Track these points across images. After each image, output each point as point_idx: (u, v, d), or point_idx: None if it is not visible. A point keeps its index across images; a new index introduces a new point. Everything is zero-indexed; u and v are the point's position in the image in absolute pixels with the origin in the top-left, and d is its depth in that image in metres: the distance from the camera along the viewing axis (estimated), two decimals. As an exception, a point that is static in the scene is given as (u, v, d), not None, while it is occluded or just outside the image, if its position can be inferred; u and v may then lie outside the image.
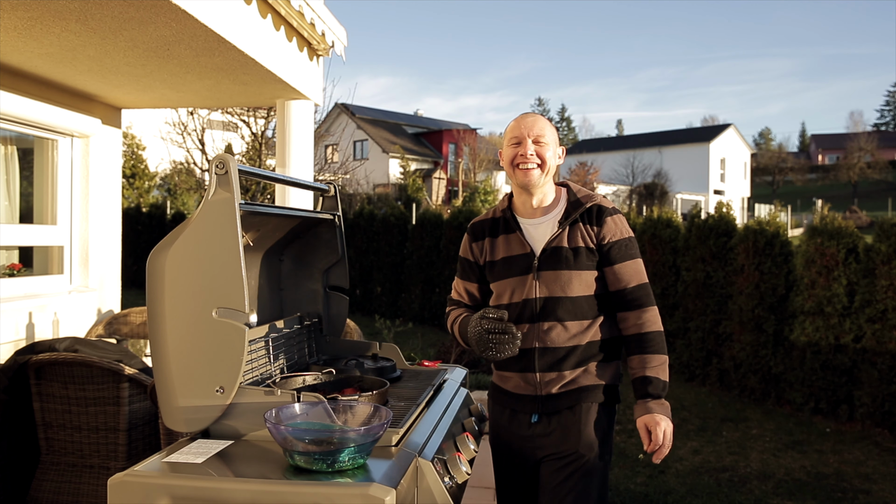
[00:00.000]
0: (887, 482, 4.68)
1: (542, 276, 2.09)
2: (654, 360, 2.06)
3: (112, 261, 4.95)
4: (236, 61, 3.56)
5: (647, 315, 2.11)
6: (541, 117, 2.19)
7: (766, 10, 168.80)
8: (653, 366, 2.05)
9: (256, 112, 11.62)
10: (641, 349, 2.08)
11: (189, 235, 1.78)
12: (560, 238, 2.10)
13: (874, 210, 36.50)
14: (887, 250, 5.67)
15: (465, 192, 24.84)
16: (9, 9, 2.85)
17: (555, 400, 2.09)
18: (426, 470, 1.68)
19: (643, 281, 2.13)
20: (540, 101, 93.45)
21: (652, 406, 2.02)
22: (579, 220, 2.12)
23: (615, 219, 2.13)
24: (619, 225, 2.13)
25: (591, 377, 2.10)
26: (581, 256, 2.09)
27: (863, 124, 74.85)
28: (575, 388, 2.09)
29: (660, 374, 2.05)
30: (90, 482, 3.14)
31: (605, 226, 2.11)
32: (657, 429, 1.98)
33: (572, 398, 2.09)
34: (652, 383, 2.04)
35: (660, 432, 1.97)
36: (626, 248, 2.12)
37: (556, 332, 2.08)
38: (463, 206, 11.46)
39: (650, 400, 2.03)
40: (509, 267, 2.15)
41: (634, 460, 4.98)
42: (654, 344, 2.08)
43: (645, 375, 2.05)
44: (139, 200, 17.91)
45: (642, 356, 2.07)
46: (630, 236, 2.14)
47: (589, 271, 2.10)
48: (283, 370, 2.32)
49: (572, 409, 2.08)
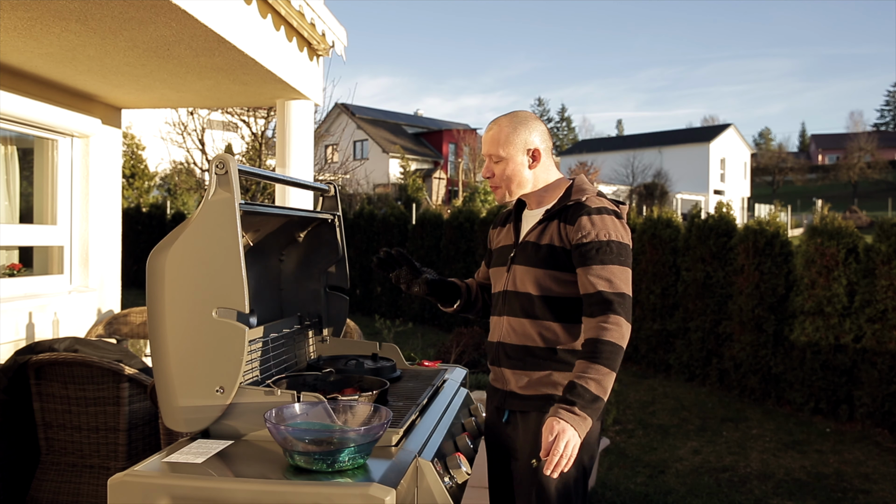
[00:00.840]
0: (887, 482, 4.68)
1: (513, 269, 2.07)
2: (591, 370, 1.80)
3: (112, 261, 4.95)
4: (236, 61, 3.56)
5: (606, 322, 1.84)
6: (497, 126, 2.07)
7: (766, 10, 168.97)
8: (587, 374, 1.80)
9: (256, 112, 11.62)
10: (585, 355, 1.84)
11: (189, 235, 1.78)
12: (534, 233, 2.04)
13: (874, 210, 36.51)
14: (887, 250, 5.67)
15: (465, 192, 24.83)
16: (9, 9, 2.85)
17: (516, 399, 2.05)
18: (426, 470, 1.68)
19: (611, 289, 1.87)
20: (540, 101, 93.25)
21: (560, 411, 1.77)
22: (557, 217, 2.01)
23: (593, 218, 1.93)
24: (598, 226, 1.92)
25: (547, 387, 1.98)
26: (543, 253, 1.98)
27: (863, 124, 74.89)
28: (532, 394, 2.00)
29: (589, 385, 1.78)
30: (90, 482, 3.14)
31: (577, 224, 1.93)
32: (549, 435, 1.74)
33: (532, 404, 2.01)
34: (575, 390, 1.78)
35: (549, 438, 1.74)
36: (597, 252, 1.90)
37: (512, 326, 2.04)
38: (463, 207, 11.44)
39: (562, 405, 1.78)
40: (498, 256, 2.18)
41: (635, 460, 4.98)
42: (601, 353, 1.81)
43: (572, 381, 1.81)
44: (139, 200, 17.91)
45: (585, 362, 1.83)
46: (609, 239, 1.91)
47: (554, 271, 1.97)
48: (283, 370, 2.32)
49: (531, 415, 2.00)
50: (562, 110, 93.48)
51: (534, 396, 2.02)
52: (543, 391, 2.01)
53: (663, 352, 7.68)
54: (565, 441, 1.73)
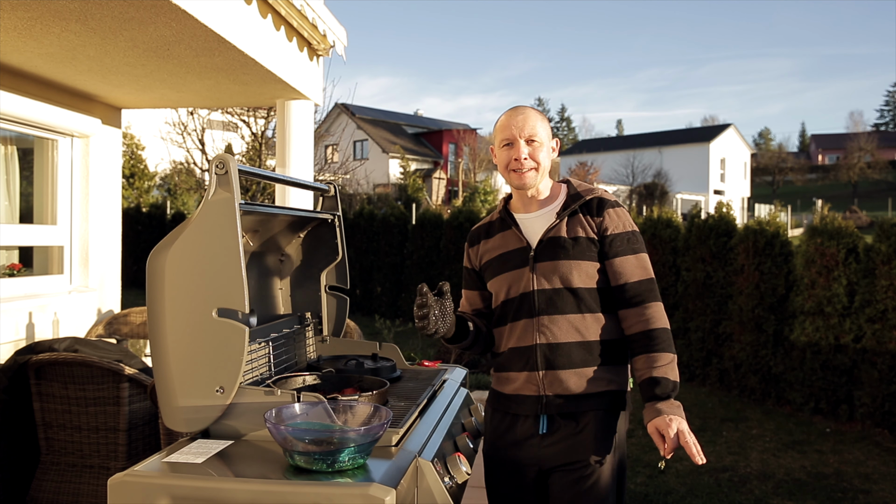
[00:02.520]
0: (887, 482, 4.68)
1: (538, 267, 1.99)
2: (660, 360, 1.90)
3: (112, 261, 4.95)
4: (236, 61, 3.56)
5: (651, 311, 1.95)
6: (531, 111, 2.07)
7: (766, 10, 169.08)
8: (659, 365, 1.90)
9: (256, 112, 11.62)
10: (646, 348, 1.93)
11: (189, 235, 1.78)
12: (558, 228, 2.01)
13: (874, 210, 36.50)
14: (887, 250, 5.67)
15: (465, 192, 24.84)
16: (9, 9, 2.85)
17: (560, 401, 1.96)
18: (426, 470, 1.68)
19: (647, 276, 1.99)
20: (540, 100, 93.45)
21: (661, 407, 1.85)
22: (579, 212, 2.02)
23: (617, 211, 2.03)
24: (622, 217, 2.03)
25: (598, 382, 1.97)
26: (581, 246, 1.98)
27: (863, 124, 74.94)
28: (581, 392, 1.96)
29: (668, 374, 1.89)
30: (90, 482, 3.14)
31: (607, 217, 2.01)
32: (668, 430, 1.80)
33: (579, 404, 1.96)
34: (660, 384, 1.88)
35: (671, 432, 1.80)
36: (628, 242, 2.00)
37: (558, 325, 1.96)
38: (463, 206, 11.45)
39: (658, 401, 1.87)
40: (504, 262, 2.06)
41: (635, 460, 4.98)
42: (660, 342, 1.92)
43: (652, 376, 1.89)
44: (139, 200, 17.91)
45: (648, 356, 1.92)
46: (633, 230, 2.03)
47: (590, 262, 1.98)
48: (283, 370, 2.32)
49: (579, 417, 1.96)
50: (562, 110, 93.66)
51: (584, 395, 1.97)
52: (595, 389, 1.97)
53: (663, 352, 7.67)
54: (686, 430, 1.82)
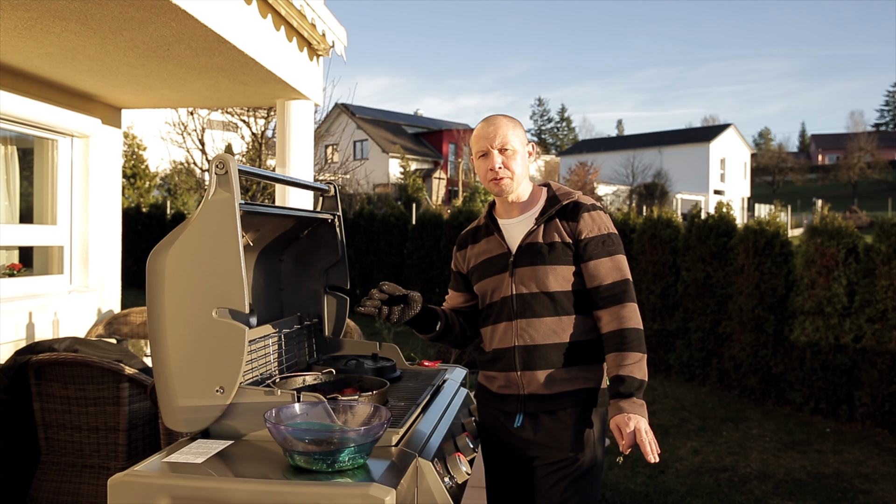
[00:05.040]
0: (887, 482, 4.68)
1: (517, 273, 2.08)
2: (628, 358, 1.97)
3: (112, 261, 4.95)
4: (236, 61, 3.56)
5: (624, 311, 2.03)
6: (504, 120, 2.13)
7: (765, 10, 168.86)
8: (627, 364, 1.97)
9: (256, 112, 11.62)
10: (616, 346, 2.00)
11: (189, 235, 1.78)
12: (535, 234, 2.09)
13: (874, 210, 36.49)
14: (887, 250, 5.67)
15: (465, 192, 24.82)
16: (9, 9, 2.85)
17: (538, 400, 2.06)
18: (426, 470, 1.68)
19: (622, 277, 2.06)
20: (540, 100, 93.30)
21: (623, 405, 1.93)
22: (556, 217, 2.10)
23: (592, 215, 2.10)
24: (598, 221, 2.10)
25: (575, 381, 2.06)
26: (557, 251, 2.06)
27: (863, 124, 74.80)
28: (559, 391, 2.05)
29: (634, 373, 1.96)
30: (90, 482, 3.14)
31: (582, 221, 2.08)
32: (626, 428, 1.88)
33: (557, 402, 2.05)
34: (625, 382, 1.95)
35: (628, 430, 1.88)
36: (603, 245, 2.07)
37: (535, 328, 2.06)
38: (463, 206, 11.46)
39: (621, 399, 1.94)
40: (487, 267, 2.16)
41: (634, 460, 4.98)
42: (630, 341, 2.00)
43: (618, 374, 1.97)
44: (139, 200, 17.91)
45: (617, 354, 2.00)
46: (609, 232, 2.10)
47: (565, 266, 2.06)
48: (283, 370, 2.32)
49: (557, 413, 2.05)
50: (562, 110, 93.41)
51: (561, 394, 2.05)
52: (570, 387, 2.06)
53: (663, 352, 7.68)
54: (643, 429, 1.89)
